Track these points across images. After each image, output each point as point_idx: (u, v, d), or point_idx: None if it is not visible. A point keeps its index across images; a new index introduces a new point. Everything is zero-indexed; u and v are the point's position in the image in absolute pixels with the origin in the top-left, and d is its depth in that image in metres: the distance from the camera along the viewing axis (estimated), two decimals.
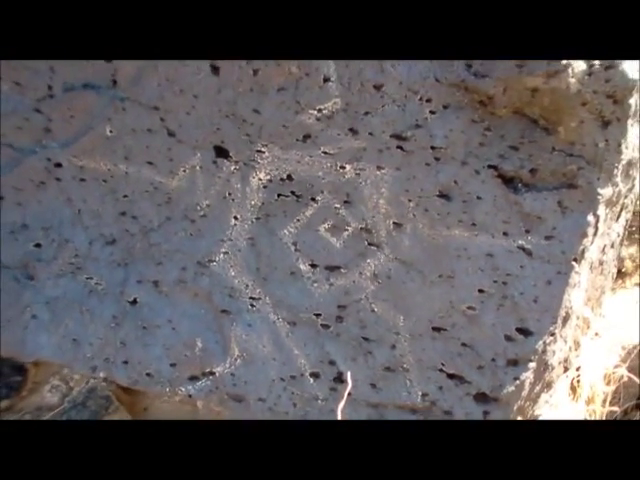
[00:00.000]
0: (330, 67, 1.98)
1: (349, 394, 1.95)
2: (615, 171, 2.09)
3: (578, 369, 2.71)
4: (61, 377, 2.64)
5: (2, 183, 2.25)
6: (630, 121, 2.05)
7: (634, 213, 3.18)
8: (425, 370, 2.18)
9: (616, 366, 2.71)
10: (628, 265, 3.37)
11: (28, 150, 2.27)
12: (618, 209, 2.52)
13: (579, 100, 1.97)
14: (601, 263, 2.59)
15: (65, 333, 2.30)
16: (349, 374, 1.95)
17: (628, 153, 2.13)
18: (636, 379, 2.53)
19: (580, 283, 2.19)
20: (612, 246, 2.73)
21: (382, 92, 2.03)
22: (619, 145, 2.04)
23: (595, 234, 2.15)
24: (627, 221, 2.92)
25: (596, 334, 2.89)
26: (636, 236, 3.40)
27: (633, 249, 3.39)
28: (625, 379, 2.59)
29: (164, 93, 2.14)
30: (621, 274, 3.33)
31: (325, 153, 2.10)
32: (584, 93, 1.96)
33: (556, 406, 2.62)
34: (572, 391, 2.70)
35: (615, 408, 2.56)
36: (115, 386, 2.65)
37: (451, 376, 2.16)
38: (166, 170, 2.20)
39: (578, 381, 2.70)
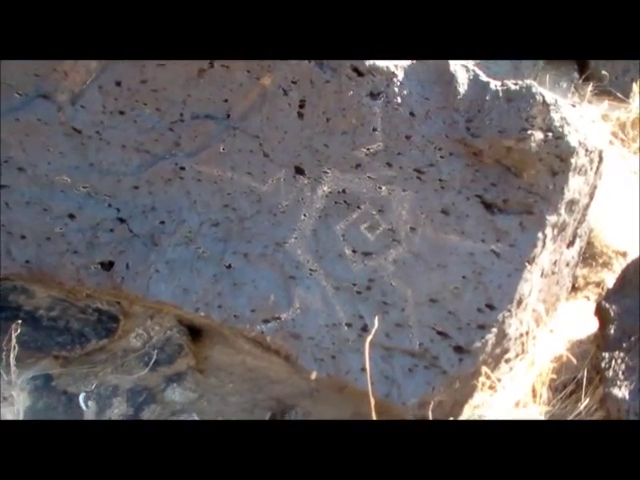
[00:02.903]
0: (378, 122, 2.96)
1: (371, 340, 2.84)
2: (559, 205, 3.08)
3: (534, 353, 3.57)
4: (144, 328, 3.44)
5: (139, 178, 3.08)
6: (571, 173, 3.05)
7: (588, 243, 4.13)
8: (422, 327, 3.08)
9: (562, 352, 3.54)
10: (580, 282, 4.29)
11: (161, 156, 3.07)
12: (569, 235, 3.46)
13: (537, 157, 2.97)
14: (554, 273, 3.52)
15: (178, 284, 3.06)
16: (376, 322, 2.88)
17: (569, 194, 3.10)
18: (574, 359, 3.37)
19: (531, 280, 3.15)
20: (567, 265, 3.69)
21: (410, 141, 2.99)
22: (562, 189, 3.05)
23: (544, 246, 3.12)
24: (581, 248, 3.90)
25: (551, 331, 3.81)
26: (589, 261, 4.31)
27: (585, 270, 4.30)
28: (566, 360, 3.45)
29: (264, 127, 3.01)
30: (575, 288, 4.24)
31: (369, 177, 3.03)
32: (541, 153, 2.96)
33: (515, 377, 3.52)
34: (527, 367, 3.57)
35: (555, 376, 3.43)
36: (186, 338, 3.48)
37: (439, 333, 3.08)
38: (260, 179, 3.06)
39: (533, 361, 3.56)
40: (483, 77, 3.00)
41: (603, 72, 5.80)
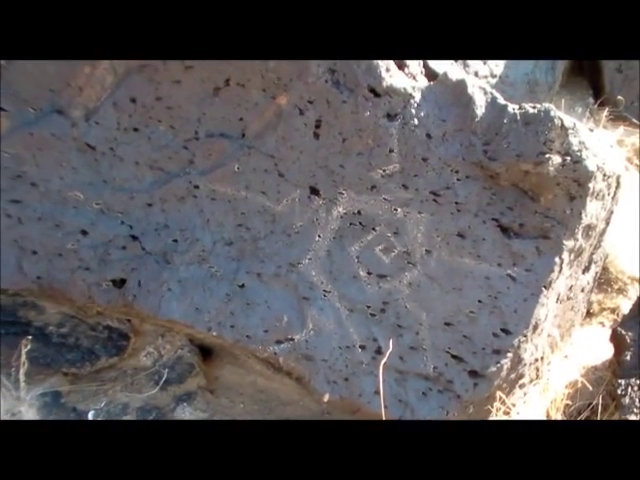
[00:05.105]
0: (394, 143, 2.97)
1: (385, 363, 2.90)
2: (576, 230, 3.07)
3: (548, 379, 3.60)
4: (155, 346, 3.51)
5: (153, 196, 3.10)
6: (589, 198, 3.04)
7: (603, 269, 4.15)
8: (437, 351, 3.11)
9: (576, 378, 3.57)
10: (595, 308, 4.34)
11: (175, 174, 3.12)
12: (585, 260, 3.45)
13: (555, 181, 2.97)
14: (569, 299, 3.52)
15: (191, 303, 3.10)
16: (391, 344, 2.94)
17: (586, 220, 3.10)
18: (589, 385, 3.38)
19: (547, 304, 3.15)
20: (582, 291, 3.69)
21: (427, 163, 3.00)
22: (580, 213, 3.05)
23: (560, 271, 3.12)
24: (597, 274, 3.89)
25: (566, 357, 3.85)
26: (604, 287, 4.35)
27: (601, 296, 4.34)
28: (580, 386, 3.48)
29: (279, 147, 3.04)
30: (589, 314, 4.28)
31: (385, 199, 3.06)
32: (558, 177, 2.96)
33: (529, 403, 3.54)
34: (541, 392, 3.59)
35: (569, 402, 3.45)
36: (197, 357, 3.52)
37: (454, 357, 3.12)
38: (274, 199, 3.10)
39: (547, 387, 3.58)
40: (501, 100, 3.01)
41: (619, 97, 5.83)
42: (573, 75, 6.23)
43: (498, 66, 5.05)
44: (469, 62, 4.62)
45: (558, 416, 3.41)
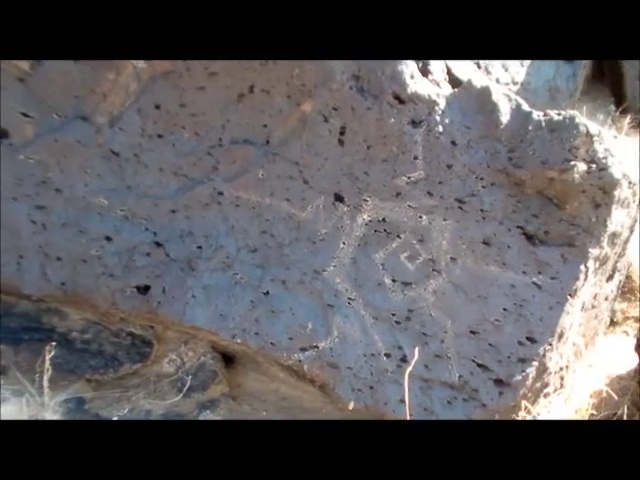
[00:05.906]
0: (419, 150, 2.97)
1: (410, 371, 2.87)
2: (602, 238, 3.05)
3: (573, 388, 3.56)
4: (178, 354, 3.52)
5: (177, 202, 3.13)
6: (614, 206, 3.03)
7: (627, 277, 4.10)
8: (462, 359, 3.11)
9: (601, 387, 3.52)
10: (619, 317, 4.30)
11: (199, 180, 3.16)
12: (609, 269, 3.43)
13: (580, 189, 2.96)
14: (594, 307, 3.50)
15: (215, 310, 3.14)
16: (416, 353, 2.93)
17: (612, 227, 3.07)
18: (614, 395, 3.35)
19: (573, 313, 3.13)
20: (606, 299, 3.66)
21: (452, 170, 3.00)
22: (605, 221, 3.03)
23: (586, 279, 3.10)
24: (620, 282, 3.86)
25: (590, 365, 3.78)
26: (628, 295, 4.30)
27: (624, 305, 4.30)
28: (605, 395, 3.43)
29: (304, 154, 3.07)
30: (613, 323, 4.24)
31: (409, 206, 3.06)
32: (584, 185, 2.95)
33: (553, 412, 3.46)
34: (566, 401, 3.54)
35: (594, 411, 3.38)
36: (220, 364, 3.52)
37: (479, 365, 3.11)
38: (299, 206, 3.13)
39: (572, 396, 3.53)
40: (525, 107, 3.00)
41: None
42: (594, 82, 6.19)
43: (519, 73, 5.03)
44: (490, 69, 4.61)
45: None
